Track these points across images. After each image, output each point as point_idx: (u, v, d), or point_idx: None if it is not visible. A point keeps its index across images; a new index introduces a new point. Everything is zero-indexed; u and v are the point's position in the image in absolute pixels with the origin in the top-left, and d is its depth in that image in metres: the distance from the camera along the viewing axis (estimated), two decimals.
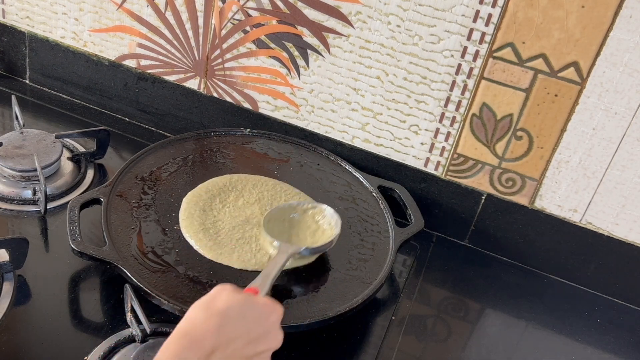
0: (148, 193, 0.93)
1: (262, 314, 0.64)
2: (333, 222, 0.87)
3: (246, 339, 0.61)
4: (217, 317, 0.60)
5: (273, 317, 0.65)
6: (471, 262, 1.03)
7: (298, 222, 0.88)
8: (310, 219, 0.89)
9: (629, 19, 0.82)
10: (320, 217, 0.88)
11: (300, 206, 0.89)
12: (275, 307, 0.65)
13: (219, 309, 0.60)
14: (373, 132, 1.03)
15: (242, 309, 0.62)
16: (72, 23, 1.13)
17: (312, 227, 0.88)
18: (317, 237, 0.86)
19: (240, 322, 0.61)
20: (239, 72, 1.07)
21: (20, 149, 0.99)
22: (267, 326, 0.64)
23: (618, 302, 1.00)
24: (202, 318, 0.60)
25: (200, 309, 0.61)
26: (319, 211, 0.89)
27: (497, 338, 0.92)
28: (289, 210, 0.89)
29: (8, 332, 0.77)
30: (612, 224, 0.96)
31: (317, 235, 0.87)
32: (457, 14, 0.90)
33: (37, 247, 0.89)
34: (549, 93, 0.90)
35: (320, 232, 0.87)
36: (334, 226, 0.87)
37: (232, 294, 0.62)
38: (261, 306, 0.64)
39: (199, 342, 0.58)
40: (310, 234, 0.87)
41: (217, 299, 0.62)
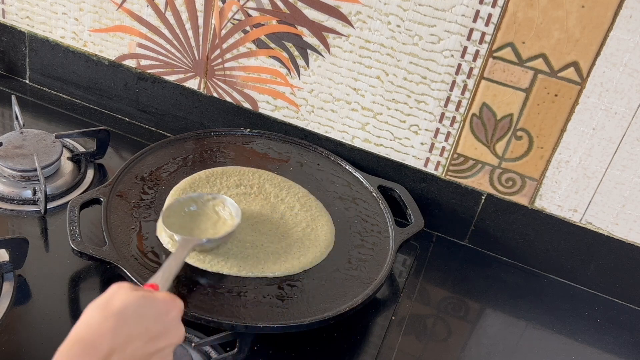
0: (148, 193, 0.93)
1: (161, 311, 0.62)
2: (234, 212, 0.88)
3: (145, 337, 0.60)
4: (114, 318, 0.58)
5: (173, 313, 0.63)
6: (471, 262, 1.03)
7: (198, 214, 0.88)
8: (211, 210, 0.89)
9: (629, 19, 0.82)
10: (220, 207, 0.89)
11: (199, 198, 0.89)
12: (175, 303, 0.64)
13: (116, 309, 0.59)
14: (373, 132, 1.03)
15: (140, 308, 0.60)
16: (72, 23, 1.13)
17: (213, 218, 0.88)
18: (219, 227, 0.86)
19: (139, 321, 0.60)
20: (239, 72, 1.07)
21: (20, 149, 0.99)
22: (167, 322, 0.62)
23: (618, 302, 1.00)
24: (97, 320, 0.58)
25: (94, 310, 0.59)
26: (219, 202, 0.89)
27: (497, 338, 0.92)
28: (188, 202, 0.88)
29: (8, 332, 0.77)
30: (612, 224, 0.96)
31: (218, 225, 0.87)
32: (457, 14, 0.90)
33: (37, 247, 0.89)
34: (549, 93, 0.90)
35: (221, 222, 0.87)
36: (234, 216, 0.87)
37: (129, 292, 0.61)
38: (160, 302, 0.63)
39: (95, 346, 0.56)
40: (212, 225, 0.87)
41: (113, 298, 0.60)
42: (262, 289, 0.83)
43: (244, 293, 0.82)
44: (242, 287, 0.83)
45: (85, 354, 0.55)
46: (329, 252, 0.90)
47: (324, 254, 0.89)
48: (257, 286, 0.83)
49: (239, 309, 0.80)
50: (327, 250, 0.90)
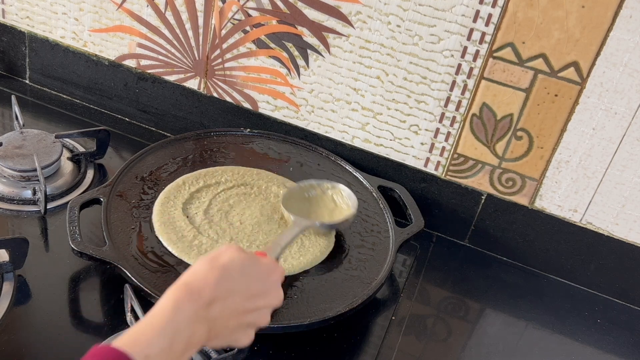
0: (148, 193, 0.93)
1: (263, 272, 0.66)
2: (350, 203, 0.91)
3: (246, 293, 0.64)
4: (218, 271, 0.63)
5: (274, 277, 0.68)
6: (471, 262, 1.03)
7: (317, 201, 0.92)
8: (329, 198, 0.92)
9: (629, 19, 0.82)
10: (338, 197, 0.92)
11: (319, 186, 0.93)
12: (277, 267, 0.69)
13: (221, 264, 0.63)
14: (373, 132, 1.03)
15: (244, 266, 0.65)
16: (72, 23, 1.13)
17: (330, 206, 0.91)
18: (335, 215, 0.90)
19: (241, 277, 0.64)
20: (239, 72, 1.07)
21: (20, 149, 0.99)
22: (268, 284, 0.67)
23: (618, 302, 1.00)
24: (203, 271, 0.63)
25: (203, 262, 0.64)
26: (337, 191, 0.92)
27: (497, 338, 0.92)
28: (308, 188, 0.92)
29: (8, 332, 0.77)
30: (612, 224, 0.96)
31: (334, 214, 0.90)
32: (457, 14, 0.90)
33: (37, 247, 0.89)
34: (549, 93, 0.90)
35: (337, 211, 0.91)
36: (351, 206, 0.90)
37: (237, 252, 0.65)
38: (263, 265, 0.67)
39: (198, 292, 0.61)
40: (328, 212, 0.90)
41: (221, 255, 0.65)
42: None
43: None
44: None
45: (189, 297, 0.60)
46: (329, 252, 0.90)
47: (324, 254, 0.89)
48: None
49: None
50: (327, 251, 0.90)
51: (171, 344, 0.57)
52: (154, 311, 0.59)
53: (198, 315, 0.60)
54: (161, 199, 0.92)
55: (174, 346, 0.57)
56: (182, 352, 0.58)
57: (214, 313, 0.61)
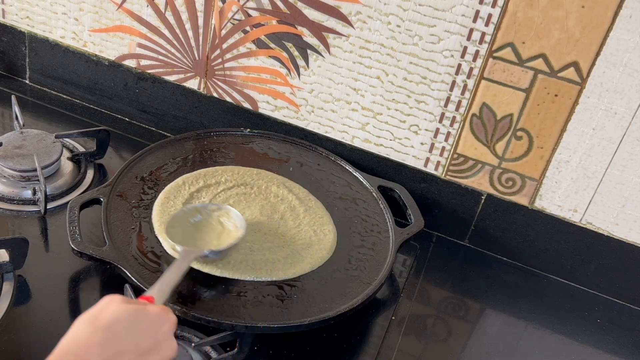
0: (148, 193, 0.93)
1: (152, 325, 0.61)
2: (238, 224, 0.86)
3: (136, 352, 0.59)
4: (102, 332, 0.57)
5: (165, 328, 0.62)
6: (471, 262, 1.03)
7: (203, 225, 0.86)
8: (216, 221, 0.87)
9: (629, 19, 0.82)
10: (225, 218, 0.87)
11: (204, 209, 0.88)
12: (168, 317, 0.63)
13: (105, 323, 0.58)
14: (373, 132, 1.03)
15: (131, 321, 0.59)
16: (72, 23, 1.13)
17: (218, 229, 0.86)
18: (223, 239, 0.85)
19: (129, 335, 0.59)
20: (239, 72, 1.07)
21: (20, 149, 0.99)
22: (159, 337, 0.61)
23: (618, 302, 1.00)
24: (86, 333, 0.58)
25: (84, 323, 0.59)
26: (224, 213, 0.88)
27: (497, 338, 0.92)
28: (193, 213, 0.87)
29: (8, 332, 0.77)
30: (612, 224, 0.96)
31: (222, 237, 0.85)
32: (457, 14, 0.90)
33: (37, 247, 0.89)
34: (549, 93, 0.90)
35: (225, 233, 0.86)
36: (239, 227, 0.86)
37: (120, 305, 0.60)
38: (152, 316, 0.61)
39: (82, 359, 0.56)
40: (216, 236, 0.85)
41: (103, 311, 0.60)
42: (262, 289, 0.83)
43: (243, 293, 0.82)
44: (242, 287, 0.83)
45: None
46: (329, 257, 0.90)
47: (325, 258, 0.89)
48: (256, 286, 0.83)
49: (239, 309, 0.80)
50: (329, 255, 0.90)
51: None
52: None
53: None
54: (161, 199, 0.92)
55: None
56: None
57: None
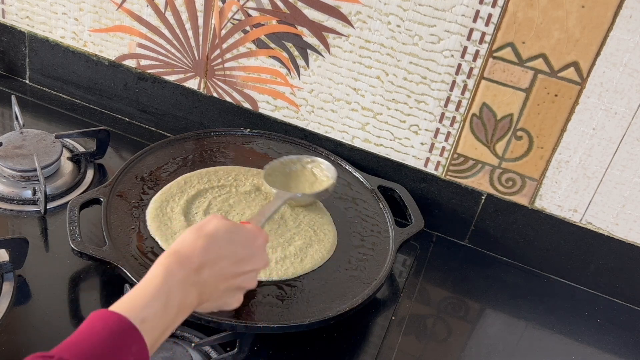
0: (148, 193, 0.93)
1: (248, 238, 0.70)
2: (330, 174, 0.95)
3: (233, 258, 0.68)
4: (205, 239, 0.67)
5: (259, 241, 0.72)
6: (471, 262, 1.03)
7: (297, 175, 0.96)
8: (309, 172, 0.97)
9: (629, 19, 0.82)
10: (318, 170, 0.97)
11: (299, 160, 0.97)
12: (262, 232, 0.73)
13: (208, 232, 0.67)
14: (373, 132, 1.03)
15: (230, 233, 0.69)
16: (72, 23, 1.13)
17: (311, 179, 0.96)
18: (315, 187, 0.95)
19: (228, 243, 0.68)
20: (239, 72, 1.07)
21: (20, 149, 0.99)
22: (253, 249, 0.71)
23: (618, 302, 1.00)
24: (191, 239, 0.67)
25: (191, 231, 0.68)
26: (317, 165, 0.97)
27: (497, 338, 0.92)
28: (289, 163, 0.97)
29: (8, 332, 0.77)
30: (612, 224, 0.96)
31: (315, 186, 0.95)
32: (457, 14, 0.90)
33: (37, 247, 0.89)
34: (549, 93, 0.90)
35: (318, 183, 0.95)
36: (330, 177, 0.95)
37: (221, 220, 0.69)
38: (248, 231, 0.71)
39: (187, 258, 0.64)
40: (309, 185, 0.95)
41: (207, 224, 0.69)
42: (262, 289, 0.83)
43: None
44: None
45: (179, 263, 0.64)
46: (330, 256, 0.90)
47: (325, 258, 0.89)
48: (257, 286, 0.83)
49: (238, 309, 0.80)
50: (329, 255, 0.90)
51: (165, 307, 0.61)
52: (147, 278, 0.63)
53: (188, 280, 0.63)
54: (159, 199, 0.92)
55: (168, 309, 0.61)
56: (176, 314, 0.62)
57: (204, 277, 0.65)
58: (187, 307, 0.64)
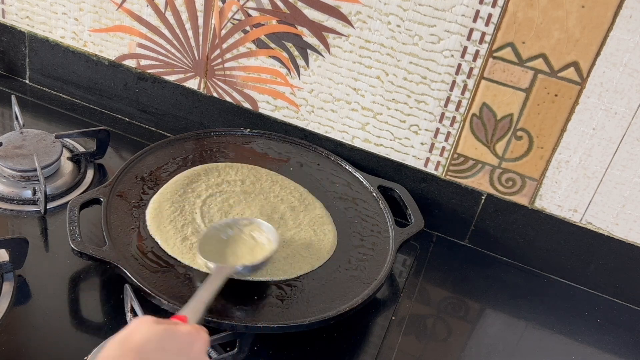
0: (148, 193, 0.93)
1: (184, 345, 0.60)
2: (271, 237, 0.85)
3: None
4: (133, 354, 0.56)
5: (197, 346, 0.61)
6: (471, 262, 1.03)
7: (235, 240, 0.85)
8: (248, 235, 0.85)
9: (629, 19, 0.82)
10: (257, 233, 0.86)
11: (235, 224, 0.86)
12: (200, 335, 0.62)
13: (135, 345, 0.57)
14: (373, 132, 1.03)
15: (161, 342, 0.58)
16: (72, 23, 1.13)
17: (250, 243, 0.84)
18: (256, 253, 0.83)
19: (160, 356, 0.58)
20: (239, 72, 1.07)
21: (20, 149, 0.99)
22: (192, 356, 0.60)
23: (618, 302, 1.00)
24: (116, 356, 0.56)
25: (115, 346, 0.58)
26: (255, 227, 0.86)
27: (497, 338, 0.92)
28: (224, 228, 0.85)
29: (8, 332, 0.77)
30: (612, 224, 0.96)
31: (255, 251, 0.83)
32: (457, 14, 0.90)
33: (37, 247, 0.89)
34: (549, 93, 0.90)
35: (259, 248, 0.84)
36: (272, 241, 0.84)
37: (150, 326, 0.59)
38: (183, 336, 0.60)
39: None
40: (248, 250, 0.83)
41: (133, 333, 0.58)
42: (262, 289, 0.83)
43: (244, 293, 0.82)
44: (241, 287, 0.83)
45: None
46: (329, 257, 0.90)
47: (325, 258, 0.89)
48: (257, 286, 0.83)
49: (239, 309, 0.80)
50: (329, 255, 0.90)
51: None
52: None
53: None
54: (159, 199, 0.92)
55: None
56: None
57: None
58: None
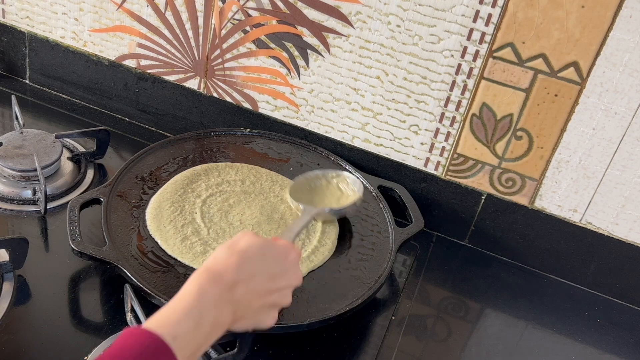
0: (148, 193, 0.93)
1: (280, 254, 0.70)
2: (356, 188, 0.94)
3: (266, 275, 0.67)
4: (237, 255, 0.66)
5: (291, 256, 0.71)
6: (471, 262, 1.03)
7: (323, 190, 0.95)
8: (335, 187, 0.95)
9: (629, 19, 0.82)
10: (344, 184, 0.95)
11: (324, 176, 0.96)
12: (294, 247, 0.72)
13: (240, 249, 0.67)
14: (373, 132, 1.03)
15: (262, 249, 0.68)
16: (72, 23, 1.13)
17: (337, 194, 0.94)
18: (342, 202, 0.93)
19: (260, 260, 0.67)
20: (239, 72, 1.07)
21: (20, 149, 0.99)
22: (286, 264, 0.70)
23: (618, 302, 1.00)
24: (224, 256, 0.66)
25: (223, 248, 0.67)
26: (342, 179, 0.96)
27: (497, 338, 0.92)
28: (314, 179, 0.95)
29: (8, 332, 0.77)
30: (612, 224, 0.96)
31: (341, 200, 0.93)
32: (457, 14, 0.90)
33: (37, 247, 0.89)
34: (549, 93, 0.90)
35: (344, 197, 0.94)
36: (357, 191, 0.94)
37: (253, 237, 0.69)
38: (280, 247, 0.70)
39: (220, 276, 0.64)
40: (335, 200, 0.94)
41: (239, 240, 0.68)
42: None
43: None
44: None
45: (212, 280, 0.63)
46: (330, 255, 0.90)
47: (325, 258, 0.89)
48: None
49: None
50: (329, 255, 0.90)
51: (198, 324, 0.60)
52: (180, 295, 0.62)
53: (222, 298, 0.63)
54: (158, 199, 0.92)
55: (201, 327, 0.60)
56: (209, 332, 0.61)
57: (238, 295, 0.64)
58: (220, 325, 0.63)
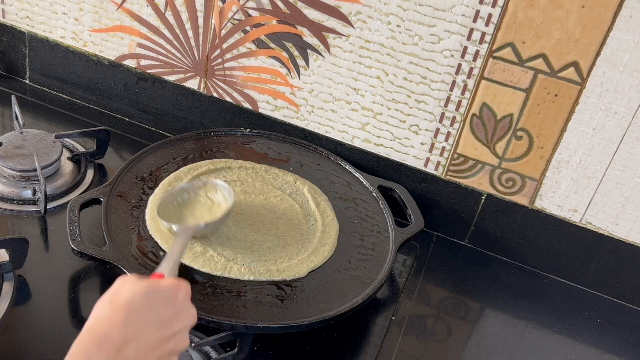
0: (148, 193, 0.93)
1: (169, 296, 0.63)
2: (226, 194, 0.89)
3: (157, 323, 0.61)
4: (123, 309, 0.59)
5: (180, 295, 0.64)
6: (471, 262, 1.03)
7: (192, 203, 0.89)
8: (204, 197, 0.89)
9: (629, 19, 0.82)
10: (212, 192, 0.90)
11: (191, 188, 0.90)
12: (181, 285, 0.65)
13: (124, 301, 0.60)
14: (373, 132, 1.03)
15: (147, 296, 0.61)
16: (72, 23, 1.13)
17: (207, 204, 0.89)
18: (214, 211, 0.87)
19: (148, 309, 0.60)
20: (239, 72, 1.07)
21: (20, 149, 0.99)
22: (176, 305, 0.63)
23: (618, 302, 1.00)
24: (107, 314, 0.59)
25: (104, 305, 0.60)
26: (210, 187, 0.90)
27: (497, 338, 0.92)
28: (180, 193, 0.89)
29: (8, 332, 0.77)
30: (612, 224, 0.96)
31: (213, 210, 0.88)
32: (457, 14, 0.90)
33: (37, 247, 0.89)
34: (549, 93, 0.90)
35: (216, 206, 0.88)
36: (227, 198, 0.88)
37: (135, 283, 0.62)
38: (166, 288, 0.63)
39: (106, 338, 0.57)
40: (207, 211, 0.88)
41: (120, 291, 0.61)
42: (262, 289, 0.83)
43: (243, 293, 0.82)
44: (241, 287, 0.83)
45: (99, 346, 0.56)
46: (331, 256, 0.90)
47: (325, 258, 0.89)
48: (257, 286, 0.83)
49: (239, 309, 0.80)
50: (329, 255, 0.90)
51: None
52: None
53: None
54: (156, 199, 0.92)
55: None
56: None
57: (129, 354, 0.57)
58: None
